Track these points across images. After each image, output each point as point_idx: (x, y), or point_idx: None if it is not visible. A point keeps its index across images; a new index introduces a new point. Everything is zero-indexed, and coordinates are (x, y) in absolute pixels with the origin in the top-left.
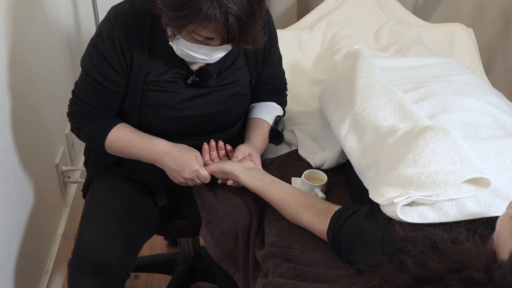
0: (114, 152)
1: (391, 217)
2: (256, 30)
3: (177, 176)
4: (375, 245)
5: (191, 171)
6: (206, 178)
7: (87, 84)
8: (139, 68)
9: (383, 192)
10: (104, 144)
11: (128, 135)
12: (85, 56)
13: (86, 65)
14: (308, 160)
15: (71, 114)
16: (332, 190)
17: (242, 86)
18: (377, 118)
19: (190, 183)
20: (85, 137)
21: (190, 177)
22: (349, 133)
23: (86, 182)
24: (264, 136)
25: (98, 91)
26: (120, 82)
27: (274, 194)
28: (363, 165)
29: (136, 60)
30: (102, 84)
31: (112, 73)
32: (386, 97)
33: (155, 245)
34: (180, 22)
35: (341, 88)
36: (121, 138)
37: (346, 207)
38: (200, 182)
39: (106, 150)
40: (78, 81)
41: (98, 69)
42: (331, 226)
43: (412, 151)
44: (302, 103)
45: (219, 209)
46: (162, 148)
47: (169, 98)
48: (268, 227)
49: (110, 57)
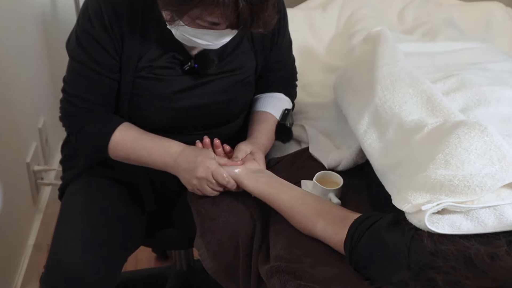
0: (119, 157)
1: (418, 227)
2: (268, 12)
3: (190, 178)
4: (400, 260)
5: (205, 168)
6: (222, 177)
7: (78, 75)
8: (131, 52)
9: (409, 198)
10: (108, 148)
11: (136, 135)
12: (72, 42)
13: (75, 52)
14: (320, 160)
15: (64, 116)
16: (349, 196)
17: (247, 73)
18: (402, 112)
19: (206, 186)
20: (86, 142)
21: (205, 176)
22: (368, 128)
23: (62, 184)
24: (270, 132)
25: (92, 80)
26: (115, 66)
27: (282, 200)
28: (385, 166)
29: (127, 41)
30: (96, 70)
31: (106, 56)
32: (412, 87)
33: (141, 259)
34: (182, 7)
35: (359, 76)
36: (127, 139)
37: (366, 215)
38: (217, 184)
39: (110, 155)
40: (67, 74)
41: (89, 54)
42: (349, 237)
43: (442, 150)
44: (314, 94)
45: (216, 216)
46: (176, 149)
47: (163, 87)
48: (274, 237)
49: (101, 38)
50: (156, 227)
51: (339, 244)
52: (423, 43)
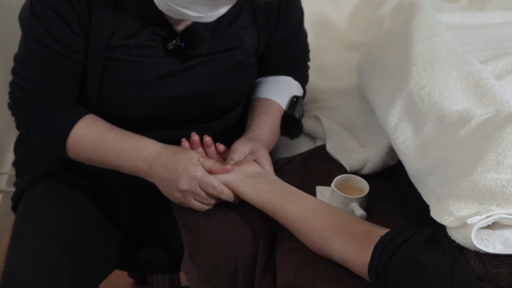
0: (81, 158)
1: (463, 246)
2: None
3: (171, 190)
4: (440, 287)
5: (189, 178)
6: (212, 186)
7: (32, 55)
8: (100, 27)
9: (452, 209)
10: (66, 146)
11: (101, 132)
12: (25, 12)
13: (29, 26)
14: (340, 161)
15: (14, 104)
16: (376, 206)
17: (247, 53)
18: (443, 100)
19: (193, 200)
20: (39, 138)
21: (189, 188)
22: (401, 121)
23: (16, 192)
24: (274, 124)
25: (49, 62)
26: (80, 44)
27: (290, 213)
28: (422, 169)
29: (95, 13)
30: (55, 50)
31: (68, 32)
32: (455, 69)
33: (116, 285)
34: None
35: (389, 55)
36: (90, 136)
37: (396, 231)
38: (206, 197)
39: (70, 155)
40: (19, 53)
41: (46, 29)
42: (374, 259)
43: (494, 148)
44: (332, 77)
45: (210, 231)
46: (150, 152)
47: (142, 71)
48: (281, 259)
49: (62, 10)
50: (134, 246)
51: (362, 269)
52: (470, 13)
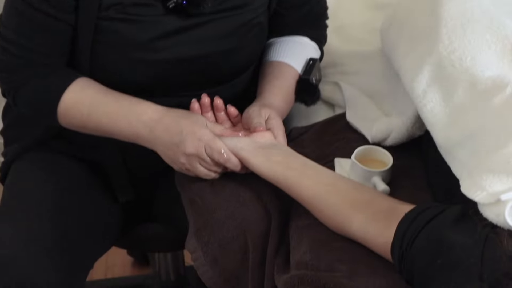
0: (73, 125)
1: (496, 224)
2: None
3: (175, 155)
4: (470, 268)
5: (196, 139)
6: (218, 152)
7: (18, 16)
8: None
9: (484, 184)
10: (57, 113)
11: (95, 96)
12: None
13: None
14: (362, 131)
15: None
16: (400, 180)
17: (256, 11)
18: (475, 65)
19: (199, 165)
20: (26, 104)
21: (195, 151)
22: (429, 88)
23: (5, 162)
24: (287, 91)
25: (37, 23)
26: (69, 3)
27: (305, 187)
28: (452, 140)
29: None
30: (42, 10)
31: None
32: (489, 32)
33: (113, 264)
34: None
35: (417, 16)
36: (83, 101)
37: (422, 207)
38: (212, 163)
39: (61, 122)
40: (4, 13)
41: None
42: (398, 237)
43: None
44: (353, 40)
45: (217, 207)
46: (151, 115)
47: (139, 31)
48: (296, 236)
49: None
50: (134, 221)
51: (385, 248)
52: None
